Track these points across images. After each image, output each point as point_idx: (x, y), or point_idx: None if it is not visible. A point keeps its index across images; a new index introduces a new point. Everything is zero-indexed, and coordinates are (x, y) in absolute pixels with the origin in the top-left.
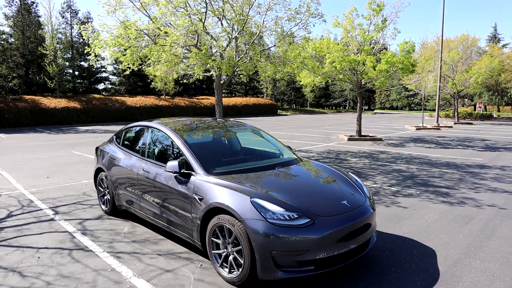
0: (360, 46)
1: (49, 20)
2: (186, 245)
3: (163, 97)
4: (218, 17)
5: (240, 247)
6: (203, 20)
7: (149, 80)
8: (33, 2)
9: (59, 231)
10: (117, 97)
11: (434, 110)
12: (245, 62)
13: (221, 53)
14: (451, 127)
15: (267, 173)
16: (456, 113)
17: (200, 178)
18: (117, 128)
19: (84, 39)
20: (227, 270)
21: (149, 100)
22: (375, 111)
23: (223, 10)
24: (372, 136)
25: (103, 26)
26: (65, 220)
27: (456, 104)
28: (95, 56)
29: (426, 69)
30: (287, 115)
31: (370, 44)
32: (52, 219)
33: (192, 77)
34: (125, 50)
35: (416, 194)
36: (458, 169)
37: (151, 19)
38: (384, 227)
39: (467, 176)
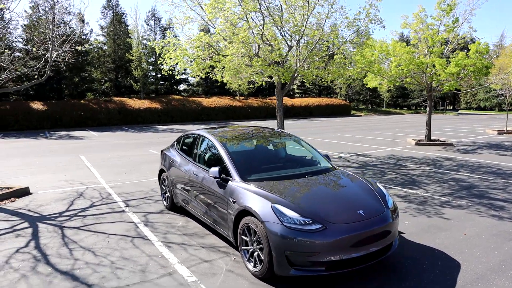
0: (429, 48)
1: (135, 29)
2: (226, 241)
3: (237, 97)
4: (277, 27)
5: (261, 245)
6: (261, 32)
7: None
8: (123, 13)
9: (127, 221)
10: (194, 98)
11: None
12: (304, 69)
13: (279, 61)
14: None
15: (295, 181)
16: None
17: (235, 183)
18: (193, 127)
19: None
20: (252, 264)
21: (223, 101)
22: (459, 111)
23: (281, 21)
24: (442, 141)
25: (173, 39)
26: (133, 212)
27: None
28: (168, 66)
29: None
30: (360, 116)
31: (442, 45)
32: (123, 211)
33: (257, 83)
34: (192, 60)
35: (466, 206)
36: None
37: (215, 32)
38: (417, 237)
39: None
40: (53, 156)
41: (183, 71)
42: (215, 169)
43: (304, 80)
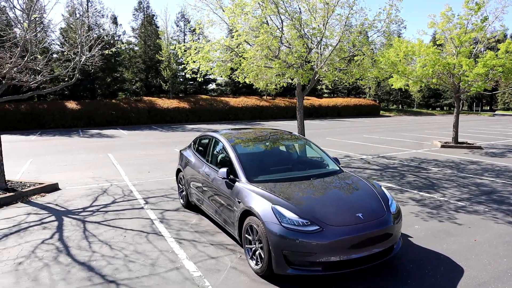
0: (456, 47)
1: (165, 30)
2: (235, 239)
3: (264, 97)
4: (297, 29)
5: (262, 244)
6: (280, 35)
7: None
8: (154, 15)
9: (144, 217)
10: (222, 98)
11: None
12: (324, 71)
13: (298, 63)
14: None
15: (299, 183)
16: None
17: (241, 184)
18: (220, 127)
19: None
20: (254, 262)
21: (250, 101)
22: (495, 112)
23: (300, 23)
24: (470, 144)
25: (194, 43)
26: (151, 209)
27: None
28: (191, 70)
29: None
30: (389, 116)
31: (471, 45)
32: (142, 208)
33: (279, 84)
34: (214, 63)
35: (483, 212)
36: None
37: (236, 35)
38: (425, 241)
39: None
40: (84, 154)
41: (205, 73)
42: (223, 170)
43: (326, 82)
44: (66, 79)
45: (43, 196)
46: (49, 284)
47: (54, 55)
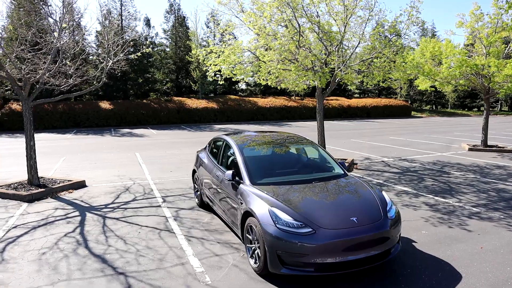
0: (485, 48)
1: (195, 32)
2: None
3: (293, 97)
4: (316, 33)
5: (259, 244)
6: (297, 39)
7: None
8: (184, 17)
9: (160, 215)
10: (250, 98)
11: None
12: (343, 74)
13: (320, 65)
14: None
15: (300, 186)
16: None
17: (245, 186)
18: (247, 127)
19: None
20: (253, 260)
21: (279, 101)
22: None
23: (319, 27)
24: (501, 147)
25: (215, 47)
26: (167, 207)
27: None
28: (213, 72)
29: None
30: (421, 117)
31: (502, 45)
32: (159, 206)
33: (298, 86)
34: (234, 66)
35: (497, 219)
36: None
37: (252, 40)
38: (429, 247)
39: None
40: (113, 153)
41: (227, 77)
42: (229, 172)
43: (348, 84)
44: (95, 82)
45: (71, 192)
46: (66, 273)
47: (90, 57)
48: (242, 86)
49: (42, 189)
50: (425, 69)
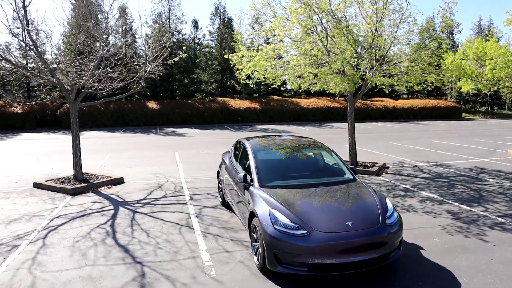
0: None
1: (239, 33)
2: None
3: (337, 98)
4: (345, 36)
5: (260, 242)
6: (326, 44)
7: None
8: (230, 19)
9: (184, 212)
10: (293, 99)
11: None
12: (374, 77)
13: (350, 69)
14: None
15: (304, 190)
16: None
17: (253, 188)
18: (288, 128)
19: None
20: (256, 258)
21: (321, 102)
22: None
23: (348, 31)
24: None
25: (246, 52)
26: (193, 205)
27: None
28: (246, 75)
29: None
30: (473, 119)
31: None
32: (185, 203)
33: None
34: (265, 69)
35: None
36: None
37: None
38: (436, 255)
39: None
40: (155, 151)
41: (258, 80)
42: (241, 175)
43: (382, 86)
44: (135, 86)
45: (110, 188)
46: (93, 260)
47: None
48: (288, 85)
49: (85, 184)
50: (466, 71)
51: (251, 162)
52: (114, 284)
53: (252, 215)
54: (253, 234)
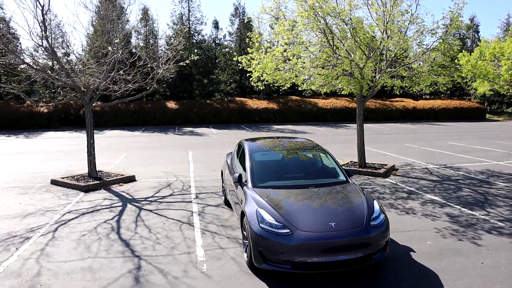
0: None
1: (256, 34)
2: None
3: (355, 99)
4: (353, 38)
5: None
6: (332, 46)
7: None
8: (249, 19)
9: (188, 210)
10: (311, 99)
11: None
12: (382, 80)
13: (358, 71)
14: None
15: (294, 190)
16: None
17: (247, 188)
18: (305, 128)
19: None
20: (246, 254)
21: (340, 102)
22: None
23: (355, 34)
24: None
25: (255, 54)
26: (197, 203)
27: None
28: (256, 78)
29: None
30: (497, 121)
31: None
32: (190, 201)
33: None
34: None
35: None
36: None
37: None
38: (425, 258)
39: None
40: (170, 150)
41: (265, 82)
42: (236, 175)
43: (389, 87)
44: (148, 88)
45: (121, 185)
46: (95, 252)
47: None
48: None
49: (98, 182)
50: (482, 71)
51: (247, 162)
52: (111, 275)
53: (243, 214)
54: (243, 231)
